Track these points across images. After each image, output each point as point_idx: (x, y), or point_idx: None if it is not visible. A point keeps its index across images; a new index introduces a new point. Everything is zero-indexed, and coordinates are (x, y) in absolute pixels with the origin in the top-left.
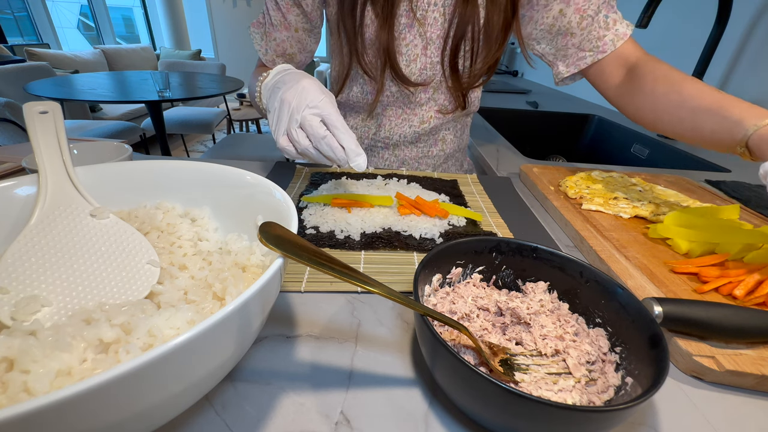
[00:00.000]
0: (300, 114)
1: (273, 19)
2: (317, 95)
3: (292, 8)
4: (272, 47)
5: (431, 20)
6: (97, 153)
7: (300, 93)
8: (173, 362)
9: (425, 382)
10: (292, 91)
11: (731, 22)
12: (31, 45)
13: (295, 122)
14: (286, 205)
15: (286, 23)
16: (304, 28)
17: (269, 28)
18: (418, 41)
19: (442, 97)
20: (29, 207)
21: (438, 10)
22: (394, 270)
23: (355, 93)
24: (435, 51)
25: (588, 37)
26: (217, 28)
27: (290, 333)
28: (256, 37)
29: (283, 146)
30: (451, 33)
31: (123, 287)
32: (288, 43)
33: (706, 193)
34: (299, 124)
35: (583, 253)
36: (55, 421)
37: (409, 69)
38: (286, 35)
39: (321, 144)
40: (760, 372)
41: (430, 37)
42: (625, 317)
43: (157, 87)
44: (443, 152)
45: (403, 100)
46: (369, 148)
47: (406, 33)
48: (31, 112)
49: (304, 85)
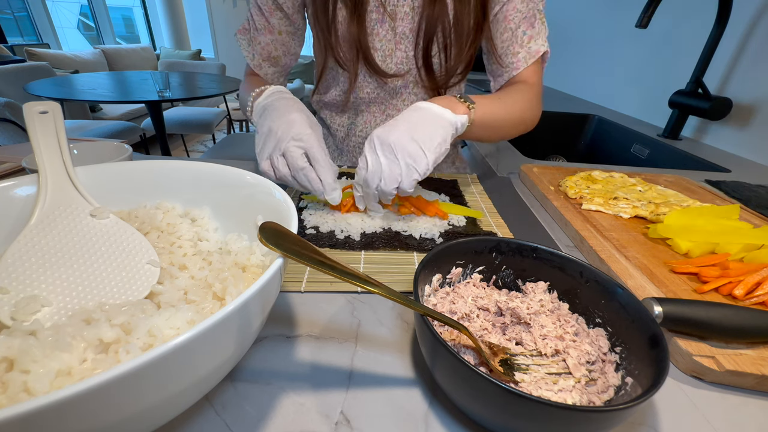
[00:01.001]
0: (285, 144)
1: (257, 24)
2: (304, 129)
3: (275, 12)
4: (258, 51)
5: (402, 14)
6: (97, 153)
7: (287, 124)
8: (173, 362)
9: (425, 382)
10: (280, 122)
11: (731, 22)
12: (31, 45)
13: (278, 150)
14: (286, 205)
15: (270, 27)
16: (287, 31)
17: (254, 33)
18: (391, 36)
19: (422, 93)
20: (29, 207)
21: (408, 5)
22: (394, 270)
23: (336, 91)
24: (409, 46)
25: (504, 53)
26: (217, 28)
27: (290, 333)
28: (243, 43)
29: (264, 170)
30: (422, 28)
31: (123, 287)
32: (273, 47)
33: (706, 193)
34: (282, 153)
35: (583, 253)
36: (55, 421)
37: (385, 64)
38: (270, 38)
39: (299, 174)
40: (760, 372)
41: (402, 32)
42: (625, 317)
43: (157, 87)
44: None
45: (384, 97)
46: (353, 147)
47: (378, 28)
48: (31, 112)
49: (293, 117)
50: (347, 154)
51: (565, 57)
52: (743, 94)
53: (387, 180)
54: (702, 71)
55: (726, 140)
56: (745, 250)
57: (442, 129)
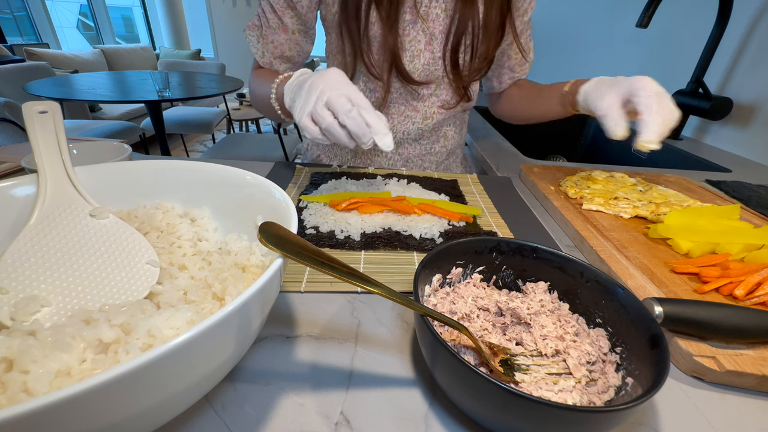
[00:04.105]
0: (327, 93)
1: (270, 22)
2: (345, 80)
3: (287, 10)
4: (269, 50)
5: (434, 16)
6: (96, 153)
7: (329, 78)
8: (173, 362)
9: (425, 382)
10: (321, 77)
11: (732, 21)
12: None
13: (320, 101)
14: (286, 205)
15: (283, 26)
16: (300, 30)
17: (266, 31)
18: (421, 37)
19: (444, 93)
20: (29, 207)
21: (440, 6)
22: (394, 270)
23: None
24: (438, 46)
25: (519, 61)
26: (216, 28)
27: (290, 333)
28: (251, 39)
29: (306, 124)
30: (452, 29)
31: (123, 287)
32: (286, 46)
33: (706, 193)
34: (325, 102)
35: (583, 253)
36: (54, 421)
37: (412, 64)
38: (284, 38)
39: (348, 117)
40: (761, 372)
41: (433, 33)
42: (625, 317)
43: (156, 87)
44: (445, 148)
45: (407, 97)
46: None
47: (410, 29)
48: (30, 111)
49: (332, 72)
50: (361, 156)
51: (565, 57)
52: (744, 94)
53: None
54: (702, 71)
55: (726, 140)
56: (745, 250)
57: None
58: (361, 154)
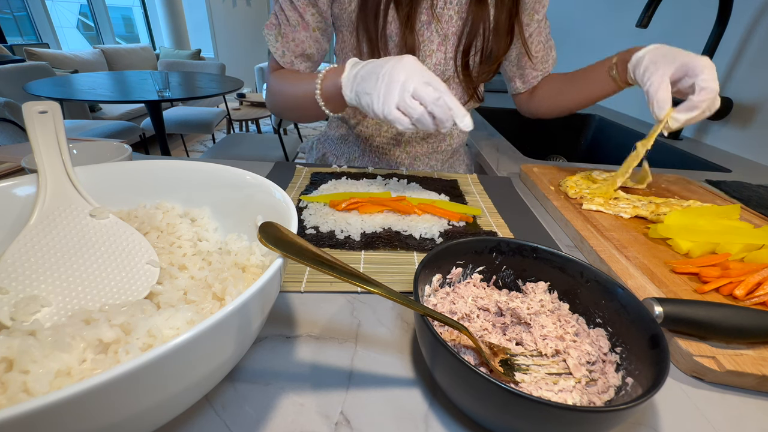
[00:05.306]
0: (412, 85)
1: (290, 20)
2: (422, 66)
3: (308, 7)
4: (290, 48)
5: (447, 17)
6: (96, 153)
7: (407, 66)
8: (173, 362)
9: (425, 382)
10: (400, 67)
11: (731, 22)
12: (31, 45)
13: (407, 93)
14: (286, 205)
15: (304, 23)
16: (320, 28)
17: (285, 29)
18: (435, 38)
19: (453, 92)
20: (29, 207)
21: (453, 8)
22: (394, 270)
23: None
24: (450, 47)
25: (541, 60)
26: (216, 28)
27: (290, 333)
28: (270, 38)
29: (396, 117)
30: (465, 30)
31: (123, 287)
32: (307, 44)
33: (706, 193)
34: (412, 93)
35: (583, 253)
36: (54, 421)
37: (424, 64)
38: (305, 35)
39: (435, 106)
40: (761, 372)
41: (446, 34)
42: (625, 317)
43: (156, 87)
44: (450, 147)
45: None
46: (377, 146)
47: (424, 30)
48: (30, 111)
49: (409, 60)
50: (369, 155)
51: (565, 57)
52: (744, 94)
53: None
54: None
55: (726, 140)
56: (745, 250)
57: None
58: (369, 152)
